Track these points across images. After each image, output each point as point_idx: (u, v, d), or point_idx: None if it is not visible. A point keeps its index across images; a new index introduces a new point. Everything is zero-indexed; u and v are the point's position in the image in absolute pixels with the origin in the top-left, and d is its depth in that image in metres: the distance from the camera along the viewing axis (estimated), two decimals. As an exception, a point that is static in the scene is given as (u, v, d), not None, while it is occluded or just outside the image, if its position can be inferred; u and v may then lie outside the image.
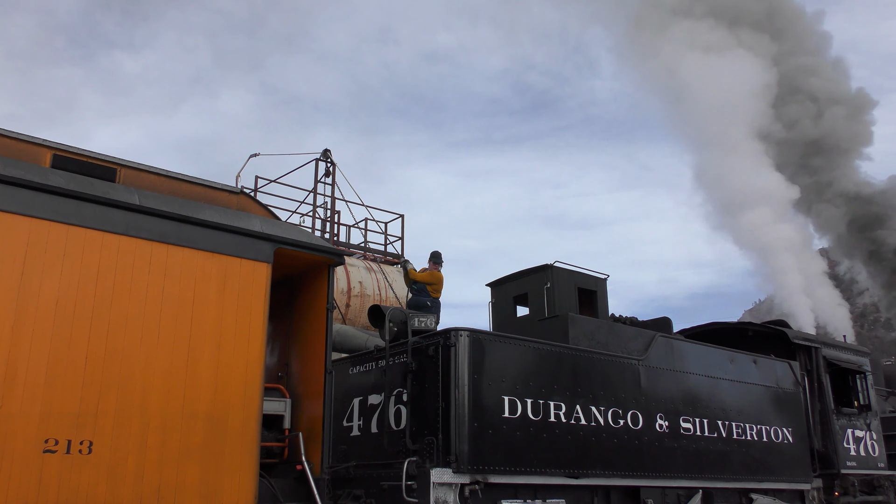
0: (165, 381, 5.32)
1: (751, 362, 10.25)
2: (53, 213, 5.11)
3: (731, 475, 9.30)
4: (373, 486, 7.21)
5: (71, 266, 5.11)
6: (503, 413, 7.23)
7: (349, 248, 15.31)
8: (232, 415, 5.57)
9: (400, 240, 16.27)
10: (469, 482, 6.82)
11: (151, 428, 5.19)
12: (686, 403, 9.07)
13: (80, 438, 4.90)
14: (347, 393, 8.18)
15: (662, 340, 9.20)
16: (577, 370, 8.03)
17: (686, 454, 8.83)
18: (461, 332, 7.17)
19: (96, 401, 5.01)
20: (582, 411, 7.89)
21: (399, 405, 7.40)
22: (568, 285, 9.69)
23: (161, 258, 5.52)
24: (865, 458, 11.61)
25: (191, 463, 5.30)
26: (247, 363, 5.74)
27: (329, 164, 15.31)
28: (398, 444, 7.19)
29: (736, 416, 9.63)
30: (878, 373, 14.44)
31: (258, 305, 5.91)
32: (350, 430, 8.04)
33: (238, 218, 6.03)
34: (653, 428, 8.53)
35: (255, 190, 14.77)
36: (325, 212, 15.21)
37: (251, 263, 5.96)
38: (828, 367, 11.65)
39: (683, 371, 9.23)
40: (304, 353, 6.69)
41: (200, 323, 5.59)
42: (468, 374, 7.05)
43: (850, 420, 11.61)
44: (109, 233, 5.33)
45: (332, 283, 6.61)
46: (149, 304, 5.38)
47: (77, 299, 5.08)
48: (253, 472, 5.58)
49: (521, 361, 7.57)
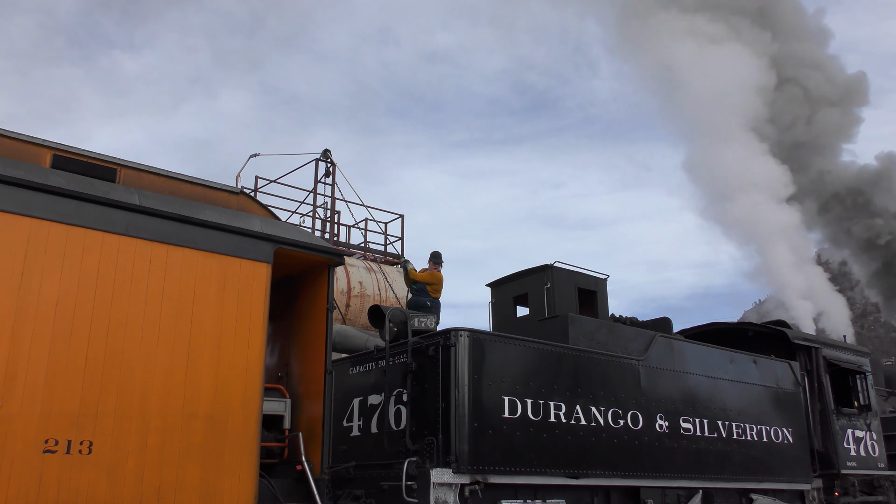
0: (165, 382, 5.32)
1: (751, 362, 10.25)
2: (53, 214, 5.11)
3: (731, 475, 9.30)
4: (373, 487, 7.21)
5: (71, 266, 5.11)
6: (503, 413, 7.23)
7: (349, 248, 15.31)
8: (232, 415, 5.57)
9: (400, 240, 16.28)
10: (469, 482, 6.82)
11: (151, 428, 5.19)
12: (686, 403, 9.07)
13: (80, 438, 4.90)
14: (347, 393, 8.18)
15: (662, 341, 9.20)
16: (577, 370, 8.03)
17: (686, 454, 8.83)
18: (461, 332, 7.17)
19: (96, 401, 5.01)
20: (582, 411, 7.89)
21: (399, 405, 7.40)
22: (568, 285, 9.69)
23: (161, 258, 5.52)
24: (865, 459, 11.61)
25: (191, 463, 5.30)
26: (247, 363, 5.74)
27: (329, 164, 15.31)
28: (398, 444, 7.19)
29: (736, 417, 9.63)
30: (878, 373, 14.43)
31: (258, 306, 5.91)
32: (350, 430, 8.04)
33: (238, 218, 6.03)
34: (653, 428, 8.53)
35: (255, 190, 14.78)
36: (325, 212, 15.21)
37: (251, 263, 5.96)
38: (828, 367, 11.65)
39: (683, 371, 9.23)
40: (305, 353, 6.69)
41: (200, 323, 5.59)
42: (468, 374, 7.05)
43: (850, 420, 11.61)
44: (109, 233, 5.33)
45: (332, 283, 6.61)
46: (149, 305, 5.38)
47: (77, 299, 5.08)
48: (253, 473, 5.58)
49: (521, 362, 7.57)
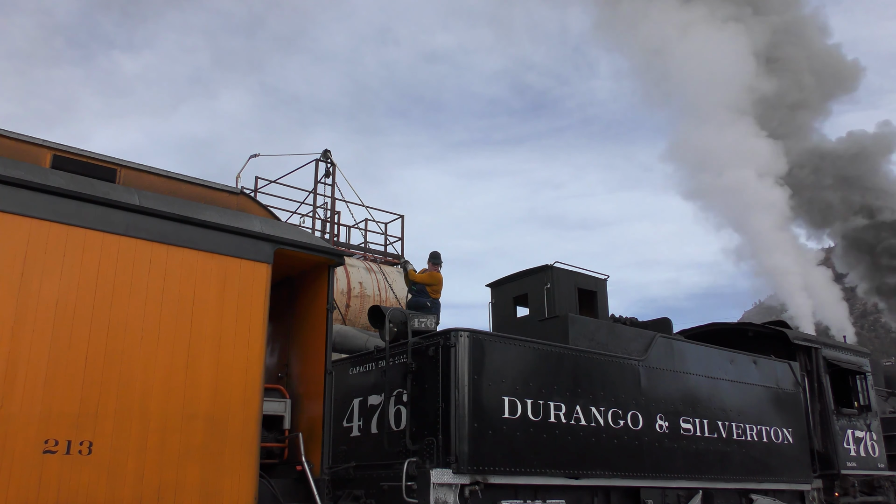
0: (165, 382, 5.32)
1: (751, 363, 10.25)
2: (54, 214, 5.11)
3: (731, 476, 9.30)
4: (373, 487, 7.21)
5: (71, 266, 5.11)
6: (503, 413, 7.22)
7: (349, 248, 15.31)
8: (232, 415, 5.56)
9: (400, 240, 16.28)
10: (469, 483, 6.82)
11: (151, 428, 5.19)
12: (686, 404, 9.07)
13: (80, 439, 4.90)
14: (347, 393, 8.18)
15: (662, 341, 9.20)
16: (578, 371, 8.02)
17: (686, 455, 8.83)
18: (461, 332, 7.17)
19: (96, 401, 5.00)
20: (582, 412, 7.89)
21: (399, 406, 7.40)
22: (568, 286, 9.69)
23: (161, 259, 5.52)
24: (865, 459, 11.61)
25: (191, 463, 5.30)
26: (247, 364, 5.74)
27: (329, 164, 15.32)
28: (398, 444, 7.19)
29: (736, 417, 9.63)
30: (878, 373, 14.43)
31: (258, 306, 5.91)
32: (350, 430, 8.04)
33: (238, 218, 6.02)
34: (653, 428, 8.52)
35: (256, 190, 14.78)
36: (326, 212, 15.22)
37: (251, 264, 5.96)
38: (828, 367, 11.65)
39: (683, 372, 9.23)
40: (305, 353, 6.68)
41: (200, 323, 5.58)
42: (468, 374, 7.05)
43: (850, 421, 11.61)
44: (109, 233, 5.32)
45: (332, 283, 6.61)
46: (149, 305, 5.38)
47: (77, 300, 5.08)
48: (253, 473, 5.58)
49: (521, 362, 7.57)
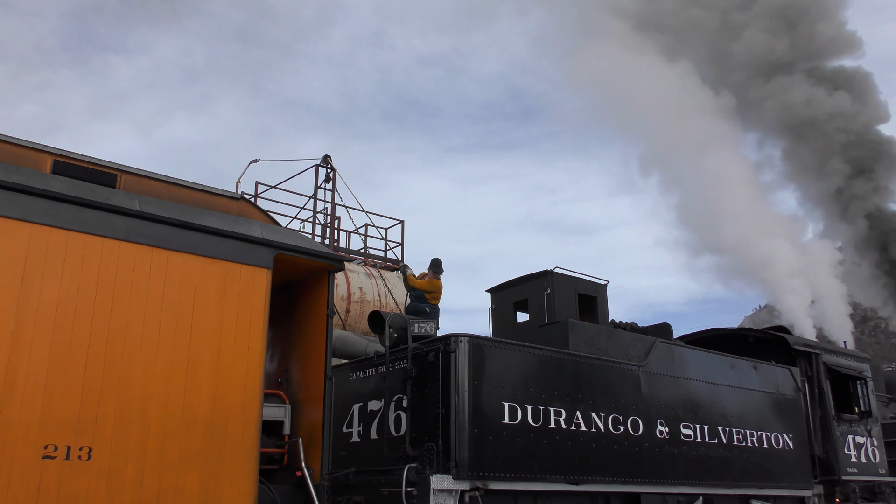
0: (165, 387, 5.31)
1: (751, 368, 10.24)
2: (54, 219, 5.11)
3: (731, 481, 9.29)
4: (373, 493, 7.19)
5: (71, 272, 5.10)
6: (503, 419, 7.21)
7: (349, 253, 15.32)
8: (231, 421, 5.55)
9: (400, 245, 16.29)
10: (469, 488, 6.80)
11: (151, 434, 5.18)
12: (686, 409, 9.05)
13: (80, 444, 4.88)
14: (347, 399, 8.17)
15: (663, 346, 9.19)
16: (578, 376, 8.02)
17: (686, 460, 8.81)
18: (461, 337, 7.17)
19: (96, 407, 5.00)
20: (582, 417, 7.88)
21: (399, 411, 7.39)
22: (568, 291, 9.69)
23: (161, 264, 5.52)
24: (866, 465, 11.59)
25: (190, 469, 5.29)
26: (247, 369, 5.73)
27: (329, 169, 15.34)
28: (398, 450, 7.17)
29: (736, 423, 9.61)
30: (879, 379, 14.41)
31: (258, 311, 5.91)
32: (350, 436, 8.02)
33: (238, 224, 6.03)
34: (653, 434, 8.51)
35: (256, 196, 14.80)
36: (326, 217, 15.23)
37: (251, 269, 5.96)
38: (828, 373, 11.64)
39: (684, 377, 9.22)
40: (304, 358, 6.68)
41: (200, 329, 5.58)
42: (468, 380, 7.05)
43: (850, 426, 11.59)
44: (110, 238, 5.32)
45: (332, 288, 6.61)
46: (149, 310, 5.37)
47: (77, 305, 5.08)
48: (252, 479, 5.57)
49: (521, 367, 7.56)
